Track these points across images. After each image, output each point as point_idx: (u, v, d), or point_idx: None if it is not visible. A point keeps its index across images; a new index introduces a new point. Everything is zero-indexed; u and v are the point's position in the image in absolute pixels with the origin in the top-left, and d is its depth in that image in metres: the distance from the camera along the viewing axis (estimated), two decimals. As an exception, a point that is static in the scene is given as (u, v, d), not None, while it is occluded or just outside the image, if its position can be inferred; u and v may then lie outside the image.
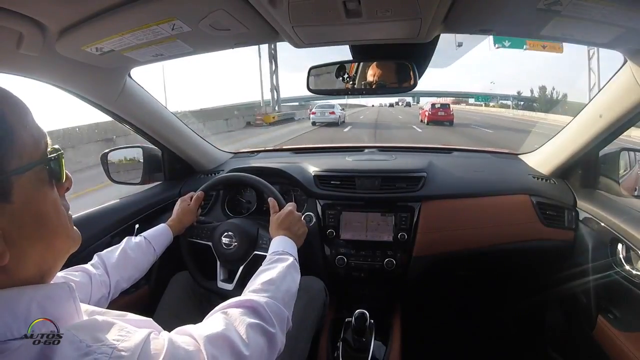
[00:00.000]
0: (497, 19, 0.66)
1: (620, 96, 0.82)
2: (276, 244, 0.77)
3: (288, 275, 0.66)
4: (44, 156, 0.35)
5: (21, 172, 0.33)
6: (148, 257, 0.83)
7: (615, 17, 0.58)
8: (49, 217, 0.35)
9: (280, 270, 0.66)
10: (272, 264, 0.68)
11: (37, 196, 0.34)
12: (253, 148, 1.66)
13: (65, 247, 0.38)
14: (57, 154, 0.37)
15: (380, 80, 0.97)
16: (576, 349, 1.08)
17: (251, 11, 0.62)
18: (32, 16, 0.58)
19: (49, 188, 0.36)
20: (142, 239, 0.84)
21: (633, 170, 1.02)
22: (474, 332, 1.36)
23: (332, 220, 1.11)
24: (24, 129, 0.34)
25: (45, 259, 0.36)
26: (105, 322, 0.36)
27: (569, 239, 1.04)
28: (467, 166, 1.26)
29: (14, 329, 0.31)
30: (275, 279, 0.62)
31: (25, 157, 0.33)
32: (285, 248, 0.75)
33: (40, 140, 0.36)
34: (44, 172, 0.35)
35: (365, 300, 1.13)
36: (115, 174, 1.20)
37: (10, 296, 0.32)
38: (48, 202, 0.35)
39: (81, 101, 0.94)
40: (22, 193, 0.32)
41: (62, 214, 0.37)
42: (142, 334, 0.36)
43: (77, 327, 0.34)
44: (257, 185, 1.02)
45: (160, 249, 0.87)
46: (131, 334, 0.35)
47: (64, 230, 0.37)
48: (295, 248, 0.78)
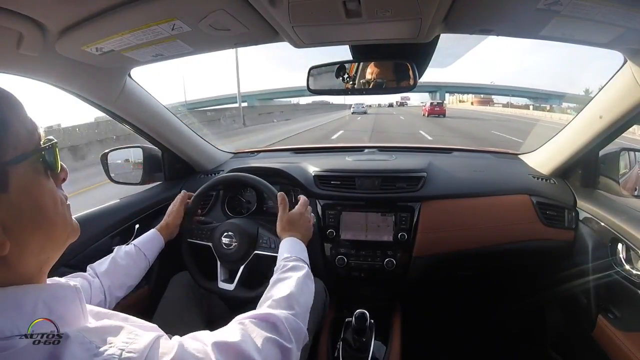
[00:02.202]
0: (497, 19, 0.66)
1: (620, 96, 0.82)
2: (287, 248, 0.74)
3: (305, 287, 0.65)
4: (38, 147, 0.36)
5: (16, 162, 0.33)
6: (139, 263, 0.84)
7: (615, 17, 0.58)
8: (46, 207, 0.36)
9: (298, 281, 0.64)
10: (288, 273, 0.67)
11: (34, 186, 0.35)
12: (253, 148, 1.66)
13: (64, 237, 0.39)
14: (51, 143, 0.37)
15: (380, 81, 0.97)
16: (576, 349, 1.08)
17: (251, 11, 0.62)
18: (32, 16, 0.58)
19: (45, 178, 0.36)
20: (132, 247, 0.85)
21: (633, 170, 1.01)
22: (474, 332, 1.36)
23: (332, 220, 1.11)
24: (17, 121, 0.34)
25: (45, 249, 0.37)
26: (114, 325, 0.36)
27: (569, 239, 1.04)
28: (467, 166, 1.26)
29: (20, 326, 0.31)
30: (294, 292, 0.61)
31: (20, 147, 0.34)
32: (298, 253, 0.73)
33: (33, 131, 0.36)
34: (39, 162, 0.36)
35: (365, 300, 1.13)
36: (115, 174, 1.20)
37: (17, 293, 0.33)
38: (45, 192, 0.36)
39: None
40: (19, 183, 0.33)
41: (59, 204, 0.38)
42: (151, 337, 0.36)
43: (87, 329, 0.34)
44: (257, 185, 1.02)
45: (152, 254, 0.88)
46: (139, 337, 0.35)
47: (62, 220, 0.38)
48: (306, 251, 0.76)
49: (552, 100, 36.74)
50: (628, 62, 0.76)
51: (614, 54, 0.76)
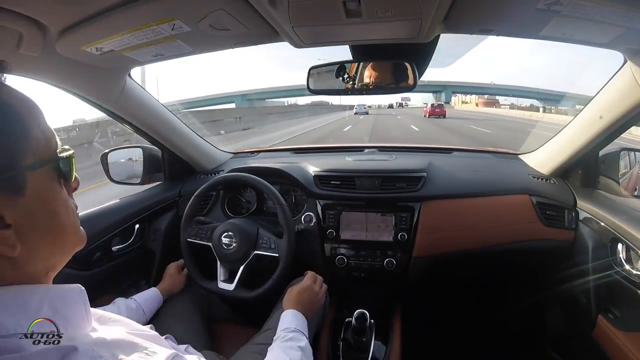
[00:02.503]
0: (497, 19, 0.66)
1: (620, 96, 0.82)
2: (289, 319, 0.79)
3: (304, 358, 0.70)
4: (55, 155, 0.37)
5: (34, 168, 0.34)
6: (138, 319, 0.84)
7: (615, 17, 0.58)
8: (59, 214, 0.36)
9: (297, 352, 0.69)
10: (288, 342, 0.72)
11: (49, 193, 0.35)
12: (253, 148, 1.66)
13: (73, 244, 0.39)
14: (68, 153, 0.38)
15: (380, 81, 0.97)
16: (576, 349, 1.08)
17: (251, 11, 0.62)
18: (32, 16, 0.58)
19: (59, 186, 0.37)
20: (132, 302, 0.87)
21: (633, 170, 1.01)
22: (474, 332, 1.36)
23: (332, 221, 1.11)
24: (38, 128, 0.35)
25: (54, 254, 0.37)
26: (126, 341, 0.36)
27: (569, 239, 1.04)
28: (467, 166, 1.26)
29: (23, 324, 0.31)
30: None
31: (38, 154, 0.34)
32: (298, 326, 0.77)
33: (51, 139, 0.37)
34: (54, 170, 0.36)
35: (365, 300, 1.13)
36: (115, 174, 1.20)
37: (23, 292, 0.33)
38: (58, 199, 0.37)
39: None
40: (35, 189, 0.34)
41: (71, 212, 0.38)
42: (164, 356, 0.36)
43: (98, 342, 0.34)
44: (257, 185, 1.02)
45: (150, 312, 0.90)
46: (150, 357, 0.35)
47: (72, 228, 0.38)
48: (306, 324, 0.81)
49: (564, 101, 35.52)
50: (628, 62, 0.76)
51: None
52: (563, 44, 0.73)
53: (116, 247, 1.08)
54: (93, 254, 0.98)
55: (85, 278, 0.94)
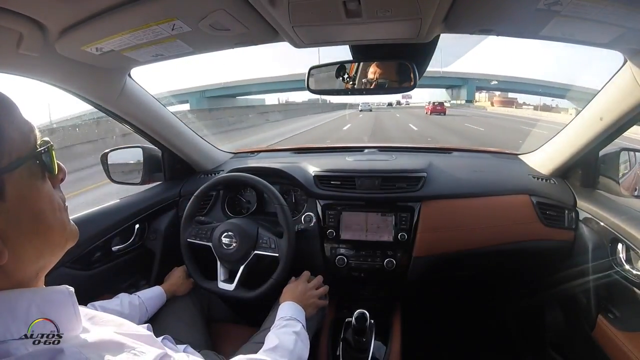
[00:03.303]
0: (497, 19, 0.66)
1: (620, 96, 0.82)
2: (285, 309, 0.82)
3: (299, 341, 0.73)
4: (34, 150, 0.35)
5: (11, 169, 0.32)
6: (139, 316, 0.85)
7: (615, 17, 0.58)
8: (44, 213, 0.35)
9: (291, 336, 0.72)
10: (282, 329, 0.75)
11: (31, 192, 0.34)
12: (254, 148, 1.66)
13: (62, 242, 0.38)
14: (47, 146, 0.36)
15: (380, 81, 0.97)
16: (576, 349, 1.08)
17: (251, 11, 0.62)
18: (32, 16, 0.58)
19: (42, 182, 0.35)
20: (135, 298, 0.87)
21: (633, 170, 1.01)
22: (474, 332, 1.36)
23: (332, 221, 1.11)
24: (11, 125, 0.33)
25: (43, 255, 0.36)
26: (115, 342, 0.35)
27: (569, 239, 1.04)
28: (467, 166, 1.26)
29: (13, 330, 0.31)
30: (287, 344, 0.70)
31: (15, 153, 0.32)
32: (294, 314, 0.81)
33: (28, 134, 0.35)
34: (36, 165, 0.35)
35: (365, 300, 1.13)
36: (115, 174, 1.20)
37: (10, 297, 0.32)
38: (42, 197, 0.35)
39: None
40: (15, 190, 0.32)
41: (57, 208, 0.37)
42: (152, 356, 0.35)
43: (85, 344, 0.34)
44: (257, 185, 1.02)
45: (152, 310, 0.90)
46: (138, 357, 0.35)
47: (60, 225, 0.37)
48: (303, 314, 0.84)
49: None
50: (628, 62, 0.76)
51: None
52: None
53: (116, 247, 1.09)
54: (93, 254, 0.98)
55: (85, 278, 0.94)
